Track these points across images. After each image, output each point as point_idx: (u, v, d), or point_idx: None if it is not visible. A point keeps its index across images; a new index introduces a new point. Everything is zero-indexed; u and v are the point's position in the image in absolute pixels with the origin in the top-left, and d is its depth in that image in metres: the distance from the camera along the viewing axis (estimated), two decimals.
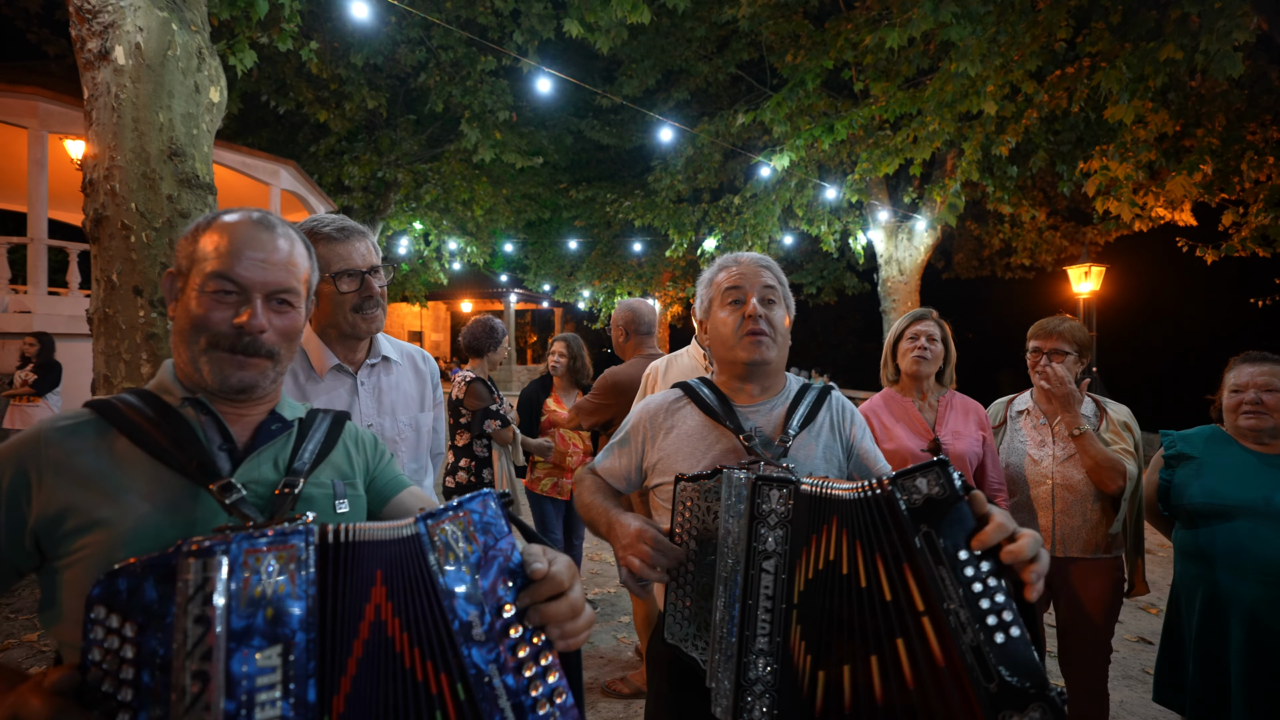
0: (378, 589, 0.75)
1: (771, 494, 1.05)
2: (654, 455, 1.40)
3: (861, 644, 0.95)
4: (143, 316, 2.57)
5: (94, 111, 2.59)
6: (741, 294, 1.35)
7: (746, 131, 8.85)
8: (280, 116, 11.11)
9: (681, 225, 10.86)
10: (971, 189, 8.45)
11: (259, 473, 0.92)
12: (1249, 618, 1.83)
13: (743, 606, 1.05)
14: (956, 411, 2.20)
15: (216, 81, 2.87)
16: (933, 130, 6.35)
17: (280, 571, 0.69)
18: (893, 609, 0.92)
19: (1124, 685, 3.14)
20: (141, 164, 2.58)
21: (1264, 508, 1.83)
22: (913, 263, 10.17)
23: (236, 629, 0.65)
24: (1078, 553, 2.19)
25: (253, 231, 0.93)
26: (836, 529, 0.99)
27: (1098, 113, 6.31)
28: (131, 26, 2.56)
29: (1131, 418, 2.28)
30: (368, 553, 0.75)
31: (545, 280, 18.54)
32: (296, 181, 10.30)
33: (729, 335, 1.35)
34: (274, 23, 5.79)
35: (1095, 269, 9.88)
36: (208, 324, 0.89)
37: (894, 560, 0.93)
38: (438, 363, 2.18)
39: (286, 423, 0.99)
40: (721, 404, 1.37)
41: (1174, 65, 5.13)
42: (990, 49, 5.40)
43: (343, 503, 0.98)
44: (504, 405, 3.39)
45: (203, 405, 0.92)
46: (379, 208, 11.86)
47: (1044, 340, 2.29)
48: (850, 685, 0.96)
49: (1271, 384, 1.90)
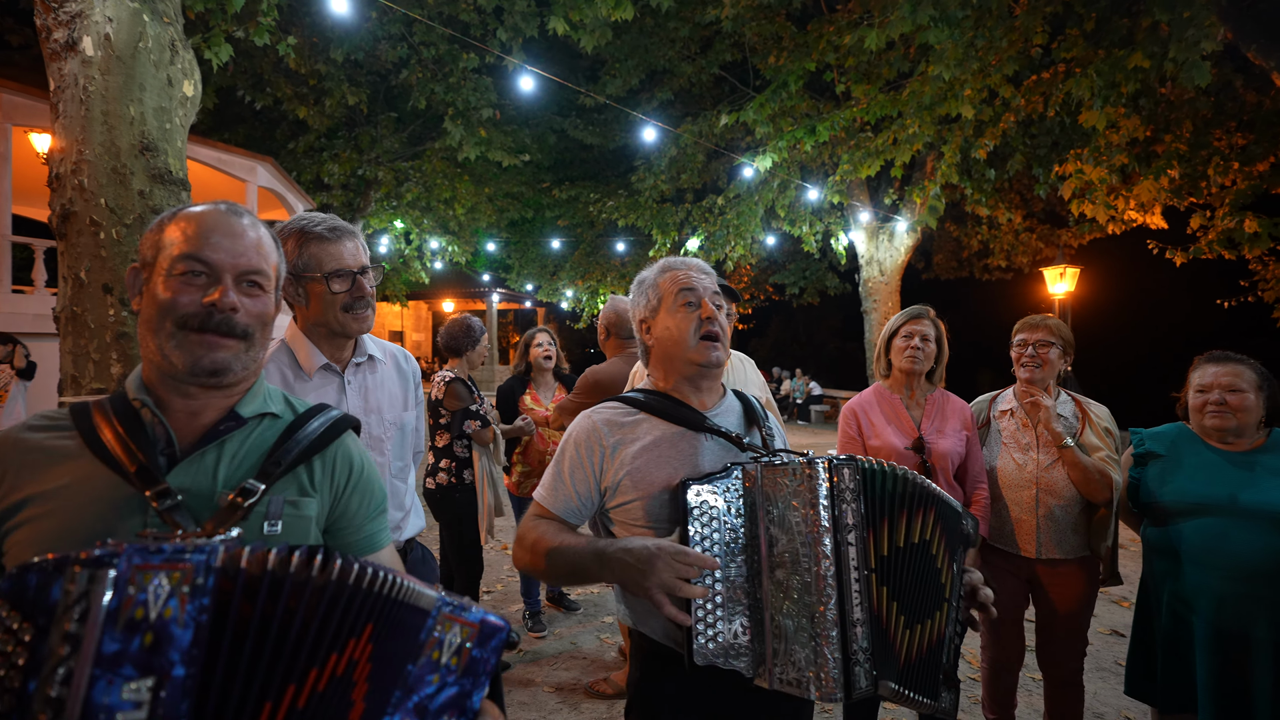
0: (349, 642, 0.67)
1: (844, 471, 1.12)
2: (616, 473, 1.28)
3: (931, 605, 1.20)
4: (113, 315, 2.51)
5: (61, 104, 2.52)
6: (696, 297, 1.34)
7: (729, 132, 8.89)
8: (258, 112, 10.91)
9: (665, 225, 10.88)
10: (950, 191, 8.58)
11: (195, 479, 0.87)
12: (1214, 612, 1.88)
13: (839, 583, 1.09)
14: (943, 410, 2.23)
15: (190, 75, 2.81)
16: (913, 133, 6.43)
17: (171, 594, 0.60)
18: (943, 575, 1.22)
19: (1097, 677, 3.20)
20: (111, 158, 2.52)
21: (1229, 505, 1.87)
22: (893, 263, 10.29)
23: (107, 654, 0.57)
24: (1058, 554, 2.22)
25: (220, 217, 0.92)
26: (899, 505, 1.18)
27: (1072, 117, 6.44)
28: (100, 17, 2.50)
29: (1112, 420, 2.31)
30: (313, 597, 0.66)
31: (528, 280, 18.46)
32: (274, 179, 10.12)
33: (684, 337, 1.32)
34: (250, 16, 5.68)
35: (1070, 270, 10.08)
36: (175, 306, 0.87)
37: (945, 534, 1.23)
38: (419, 363, 2.16)
39: (241, 420, 0.93)
40: (686, 410, 1.33)
41: (1144, 72, 5.25)
42: (968, 53, 5.49)
43: (275, 524, 0.89)
44: (484, 405, 3.36)
45: (149, 406, 0.89)
46: (359, 206, 11.71)
47: (1030, 332, 2.32)
48: (919, 639, 1.16)
49: (1235, 384, 1.93)
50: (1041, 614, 2.32)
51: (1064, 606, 2.25)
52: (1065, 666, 2.30)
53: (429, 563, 1.83)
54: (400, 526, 1.67)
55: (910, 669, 1.15)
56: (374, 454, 1.59)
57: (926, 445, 2.11)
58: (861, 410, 2.27)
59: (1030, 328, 2.33)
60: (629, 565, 1.12)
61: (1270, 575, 1.81)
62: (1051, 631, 2.29)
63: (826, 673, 1.05)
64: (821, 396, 16.76)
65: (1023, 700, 2.94)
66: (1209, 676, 1.87)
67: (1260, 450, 1.93)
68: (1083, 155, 6.40)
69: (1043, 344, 2.29)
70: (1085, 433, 2.26)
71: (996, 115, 6.63)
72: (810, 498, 1.10)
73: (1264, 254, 7.59)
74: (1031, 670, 3.07)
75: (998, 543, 2.29)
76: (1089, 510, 2.23)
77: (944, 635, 1.22)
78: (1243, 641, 1.84)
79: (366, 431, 1.57)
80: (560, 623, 3.87)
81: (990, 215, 9.41)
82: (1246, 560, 1.83)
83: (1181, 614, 1.96)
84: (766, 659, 1.10)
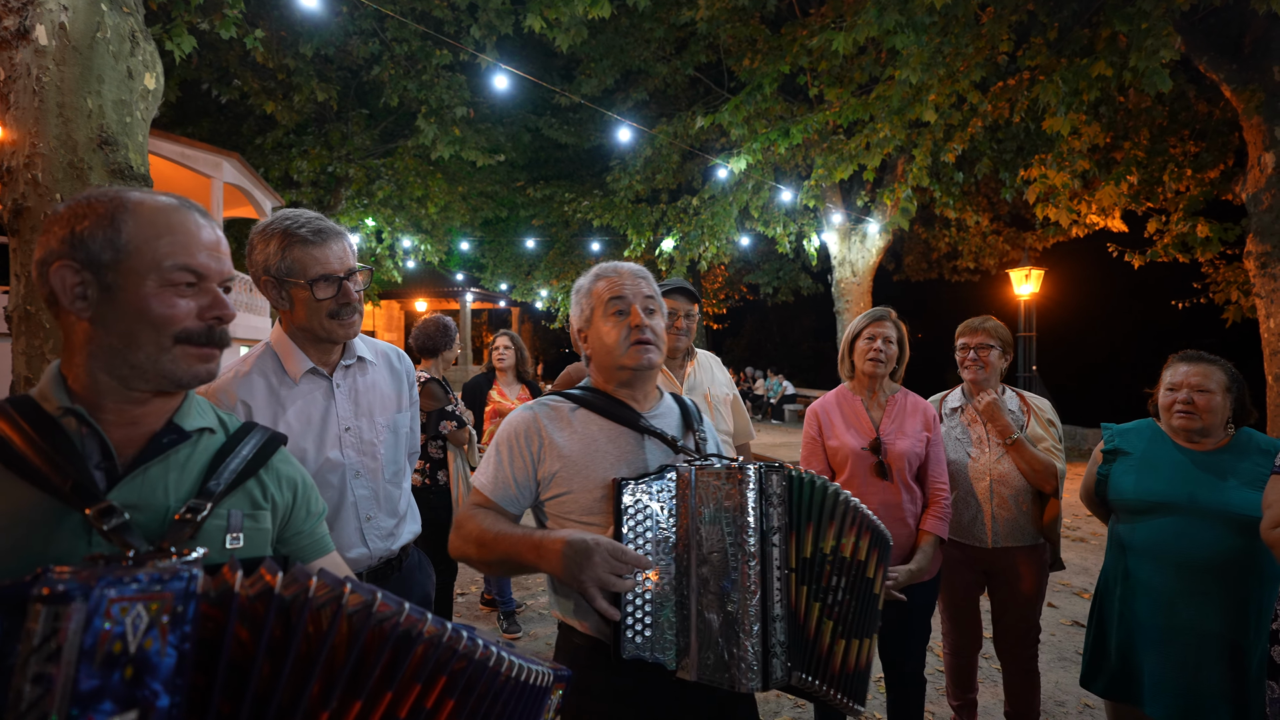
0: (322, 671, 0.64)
1: (773, 477, 1.20)
2: (552, 464, 1.30)
3: (864, 614, 1.31)
4: None
5: (12, 94, 2.43)
6: (625, 304, 1.36)
7: (704, 133, 8.93)
8: (223, 106, 10.63)
9: (640, 225, 10.89)
10: (920, 194, 8.74)
11: (142, 494, 0.82)
12: (1167, 608, 1.94)
13: (762, 580, 1.16)
14: (904, 411, 2.27)
15: (152, 67, 2.73)
16: (883, 136, 6.54)
17: (151, 625, 0.58)
18: (862, 572, 1.31)
19: (1059, 667, 3.30)
20: (68, 152, 2.44)
21: (1188, 505, 1.92)
22: (865, 265, 10.45)
23: (85, 691, 0.55)
24: (1011, 543, 2.32)
25: (191, 217, 0.87)
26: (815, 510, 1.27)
27: (1037, 123, 6.61)
28: (55, 5, 2.41)
29: (1053, 411, 2.44)
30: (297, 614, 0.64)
31: (502, 279, 18.30)
32: (241, 175, 9.87)
33: (614, 344, 1.34)
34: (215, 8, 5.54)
35: (1035, 272, 10.37)
36: (174, 318, 0.83)
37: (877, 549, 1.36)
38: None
39: (184, 434, 0.88)
40: (624, 410, 1.36)
41: (1105, 81, 5.42)
42: (934, 59, 5.60)
43: (236, 537, 0.87)
44: (459, 406, 3.34)
45: (82, 416, 0.81)
46: (329, 203, 11.48)
47: (971, 336, 2.44)
48: (830, 632, 1.25)
49: (1204, 384, 1.97)
50: (997, 602, 2.42)
51: (1018, 595, 2.36)
52: (1022, 653, 2.41)
53: (425, 569, 1.76)
54: (395, 533, 1.60)
55: (843, 673, 1.28)
56: (366, 459, 1.53)
57: (884, 445, 2.15)
58: (823, 411, 2.32)
59: (971, 332, 2.45)
60: (566, 557, 1.14)
61: (1222, 573, 1.87)
62: (1007, 619, 2.40)
63: (747, 663, 1.12)
64: (795, 396, 16.96)
65: (988, 690, 3.02)
66: (1159, 670, 1.93)
67: (1223, 450, 1.98)
68: (1047, 160, 6.58)
69: (983, 347, 2.41)
70: (1031, 425, 2.39)
71: (964, 120, 6.79)
72: (740, 501, 1.16)
73: (1215, 257, 7.90)
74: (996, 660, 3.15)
75: (954, 535, 2.37)
76: (1039, 500, 2.35)
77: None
78: (1193, 636, 1.90)
79: (357, 436, 1.52)
80: (535, 624, 3.85)
81: (958, 218, 9.62)
82: (1199, 558, 1.89)
83: (1135, 608, 2.02)
84: (691, 652, 1.16)
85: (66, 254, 0.81)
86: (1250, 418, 2.02)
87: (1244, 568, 1.85)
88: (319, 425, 1.48)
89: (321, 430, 1.48)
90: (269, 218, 1.46)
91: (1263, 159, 5.96)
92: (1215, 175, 7.45)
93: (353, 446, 1.51)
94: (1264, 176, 5.95)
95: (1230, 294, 8.13)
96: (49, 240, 0.82)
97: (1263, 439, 1.99)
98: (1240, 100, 5.92)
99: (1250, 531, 1.81)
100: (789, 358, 28.13)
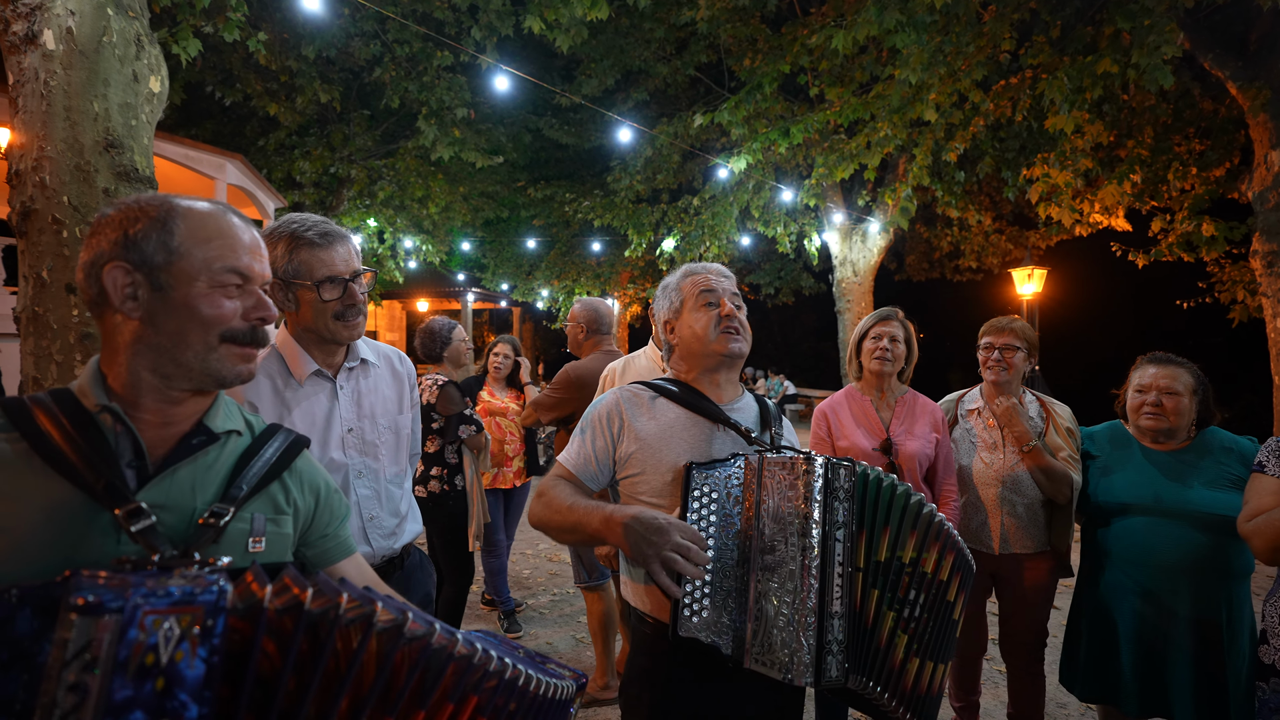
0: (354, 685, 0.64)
1: (840, 472, 1.19)
2: (629, 445, 1.39)
3: (924, 619, 1.26)
4: (76, 315, 2.44)
5: (20, 98, 2.44)
6: (715, 296, 1.48)
7: (705, 133, 8.93)
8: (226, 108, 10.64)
9: (640, 225, 10.88)
10: (921, 193, 8.73)
11: (170, 495, 0.83)
12: (1139, 607, 1.94)
13: (821, 575, 1.16)
14: (913, 412, 2.27)
15: (157, 70, 2.74)
16: (884, 136, 6.53)
17: (182, 638, 0.59)
18: (943, 593, 1.29)
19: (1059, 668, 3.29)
20: (74, 155, 2.45)
21: (1154, 505, 1.93)
22: (866, 264, 10.43)
23: (118, 701, 0.56)
24: (1021, 550, 2.28)
25: (235, 222, 0.90)
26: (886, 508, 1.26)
27: (1040, 122, 6.60)
28: (62, 10, 2.43)
29: (1074, 420, 2.36)
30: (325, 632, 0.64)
31: (503, 279, 18.31)
32: (244, 176, 9.88)
33: (705, 332, 1.44)
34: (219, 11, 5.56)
35: (1038, 271, 10.34)
36: (222, 318, 0.86)
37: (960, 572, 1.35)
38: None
39: (213, 435, 0.89)
40: (704, 401, 1.44)
41: (1109, 78, 5.41)
42: (935, 58, 5.59)
43: (258, 542, 0.88)
44: (474, 409, 3.35)
45: (117, 414, 0.82)
46: (331, 204, 11.50)
47: (996, 336, 2.36)
48: (904, 647, 1.22)
49: (1172, 387, 1.97)
50: (1004, 606, 2.39)
51: (1025, 599, 2.32)
52: (1027, 657, 2.38)
53: (426, 568, 1.77)
54: (396, 533, 1.62)
55: (914, 692, 1.24)
56: (368, 460, 1.56)
57: (894, 446, 2.15)
58: (832, 411, 2.31)
59: (996, 331, 2.37)
60: (635, 532, 1.18)
61: (1190, 571, 1.87)
62: (1013, 623, 2.37)
63: (799, 657, 1.12)
64: (796, 396, 16.95)
65: (990, 692, 3.02)
66: (1132, 668, 1.94)
67: (1186, 450, 1.99)
68: (1049, 159, 6.57)
69: (1008, 348, 2.33)
70: (1050, 433, 2.31)
71: (966, 119, 6.77)
72: (805, 492, 1.17)
73: (1220, 256, 7.87)
74: (998, 663, 3.15)
75: (964, 538, 2.35)
76: (1050, 507, 2.30)
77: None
78: (1164, 636, 1.90)
79: (360, 437, 1.55)
80: (535, 624, 3.86)
81: (960, 217, 9.59)
82: (1167, 557, 1.90)
83: (1108, 608, 2.03)
84: (746, 639, 1.16)
85: (119, 255, 0.83)
86: (1214, 420, 2.02)
87: (1212, 565, 1.85)
88: (323, 426, 1.50)
89: (325, 431, 1.50)
90: (275, 221, 1.48)
91: (1269, 157, 5.94)
92: (1220, 173, 7.42)
93: (355, 447, 1.54)
94: (1270, 174, 5.93)
95: (1236, 293, 8.10)
96: (99, 242, 0.84)
97: (1225, 436, 1.98)
98: (1246, 98, 5.89)
99: (1216, 529, 1.81)
100: (790, 358, 28.11)
